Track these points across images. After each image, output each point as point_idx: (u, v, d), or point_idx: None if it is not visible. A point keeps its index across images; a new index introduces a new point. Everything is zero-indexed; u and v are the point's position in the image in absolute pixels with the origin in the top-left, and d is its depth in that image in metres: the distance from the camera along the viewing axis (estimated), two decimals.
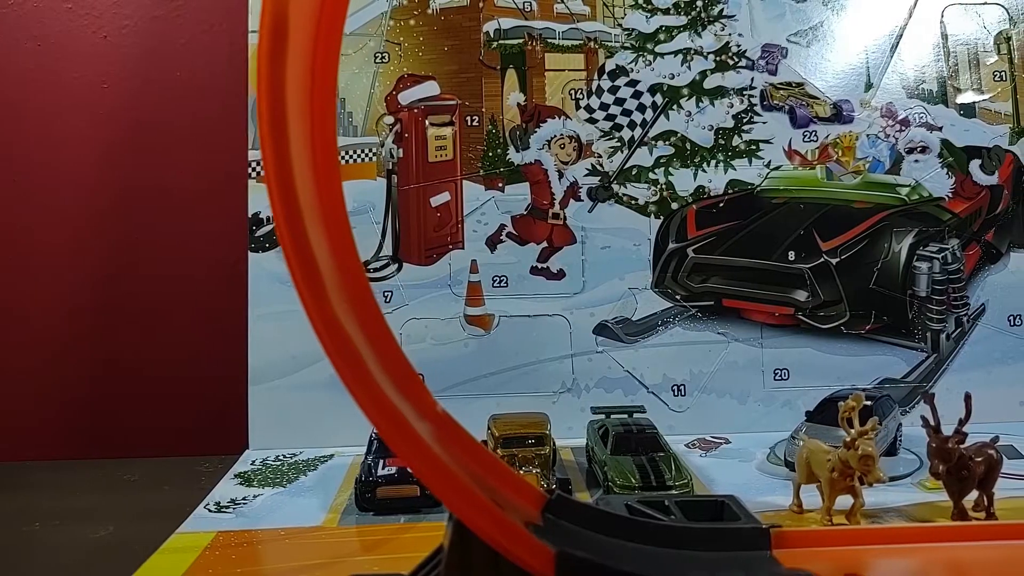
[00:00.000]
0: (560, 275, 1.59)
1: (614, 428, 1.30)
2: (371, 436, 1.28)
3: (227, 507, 1.25)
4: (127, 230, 1.70)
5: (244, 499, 1.28)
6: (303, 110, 0.75)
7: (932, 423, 1.10)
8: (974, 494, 1.13)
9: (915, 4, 1.66)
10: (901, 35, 1.65)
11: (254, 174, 1.58)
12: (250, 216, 1.57)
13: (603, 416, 1.40)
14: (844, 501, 1.11)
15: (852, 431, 1.07)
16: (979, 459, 1.10)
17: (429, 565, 0.87)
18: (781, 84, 1.62)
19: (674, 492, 1.15)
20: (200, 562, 1.04)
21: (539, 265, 1.58)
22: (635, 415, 1.40)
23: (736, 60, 1.62)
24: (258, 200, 1.58)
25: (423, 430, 0.85)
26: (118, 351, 1.69)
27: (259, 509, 1.24)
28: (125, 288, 1.69)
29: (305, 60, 0.75)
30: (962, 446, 1.10)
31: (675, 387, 1.57)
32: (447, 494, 0.82)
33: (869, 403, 1.38)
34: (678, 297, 1.60)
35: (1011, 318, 1.61)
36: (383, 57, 1.60)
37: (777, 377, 1.58)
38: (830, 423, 1.33)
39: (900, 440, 1.42)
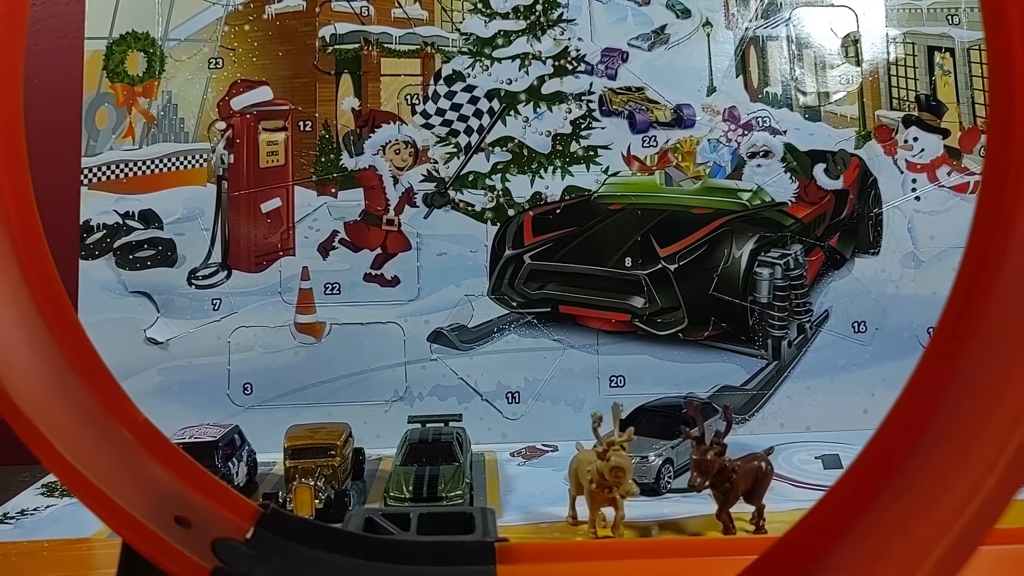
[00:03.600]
0: (394, 282, 1.57)
1: (410, 438, 1.29)
2: None
3: (12, 518, 1.23)
4: None
5: (35, 510, 1.27)
6: None
7: (695, 433, 1.08)
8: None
9: (762, 6, 1.64)
10: (746, 38, 1.63)
11: (86, 181, 1.57)
12: (81, 223, 1.56)
13: (419, 425, 1.38)
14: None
15: (603, 442, 1.05)
16: (743, 471, 1.08)
17: None
18: (621, 89, 1.60)
19: (444, 503, 1.14)
20: None
21: (373, 272, 1.57)
22: (451, 423, 1.39)
23: (575, 65, 1.60)
24: (90, 207, 1.57)
25: (109, 441, 0.84)
26: None
27: (42, 521, 1.23)
28: None
29: None
30: (729, 458, 1.08)
31: (509, 394, 1.56)
32: (97, 509, 0.81)
33: (684, 411, 1.37)
34: (515, 304, 1.58)
35: (855, 324, 1.59)
36: (217, 63, 1.59)
37: (613, 384, 1.56)
38: (641, 433, 1.32)
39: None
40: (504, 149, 1.59)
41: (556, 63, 1.60)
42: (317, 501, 1.17)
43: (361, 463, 1.35)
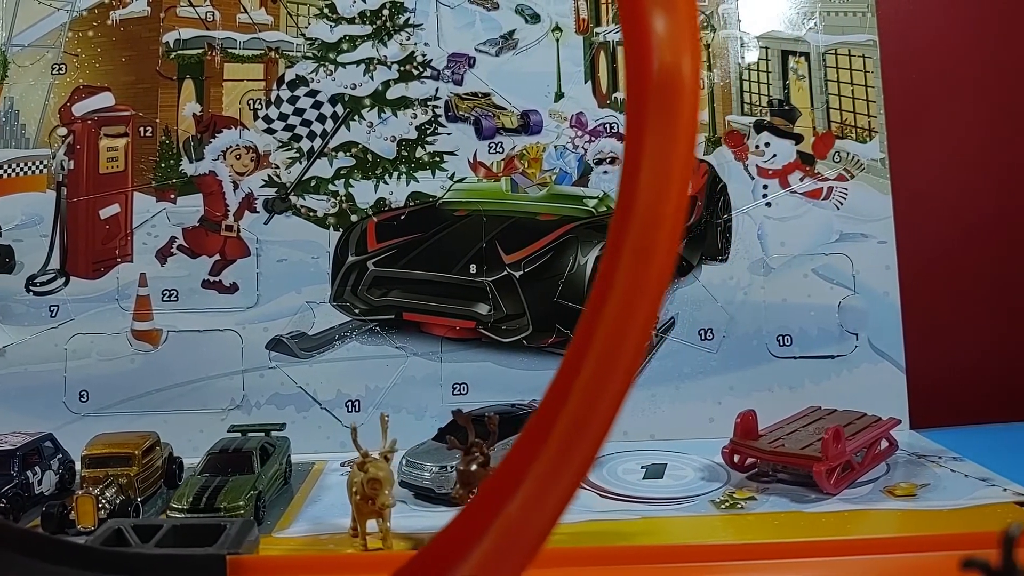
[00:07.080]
0: (233, 289, 1.56)
1: (211, 449, 1.28)
2: None
3: None
4: None
5: None
6: None
7: (463, 443, 1.06)
8: None
9: (613, 10, 1.63)
10: (595, 43, 1.62)
11: None
12: None
13: (239, 434, 1.37)
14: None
15: (361, 453, 1.04)
16: None
17: None
18: (467, 94, 1.59)
19: (221, 515, 1.13)
20: None
21: (211, 278, 1.56)
22: (273, 433, 1.38)
23: (421, 70, 1.59)
24: None
25: None
26: None
27: None
28: None
29: None
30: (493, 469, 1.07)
31: (349, 403, 1.54)
32: None
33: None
34: (357, 311, 1.57)
35: (702, 332, 1.58)
36: (60, 68, 1.58)
37: (456, 392, 1.55)
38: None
39: None
40: (348, 154, 1.58)
41: (402, 68, 1.59)
42: (102, 511, 1.16)
43: (176, 472, 1.34)
